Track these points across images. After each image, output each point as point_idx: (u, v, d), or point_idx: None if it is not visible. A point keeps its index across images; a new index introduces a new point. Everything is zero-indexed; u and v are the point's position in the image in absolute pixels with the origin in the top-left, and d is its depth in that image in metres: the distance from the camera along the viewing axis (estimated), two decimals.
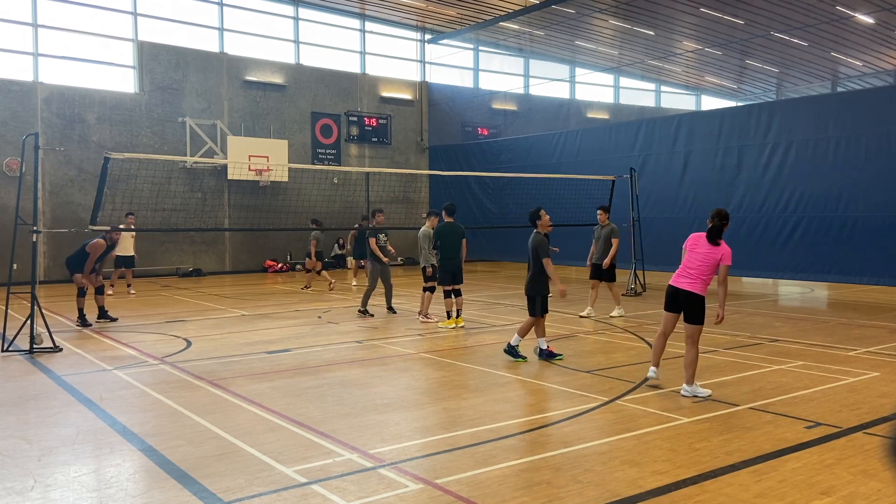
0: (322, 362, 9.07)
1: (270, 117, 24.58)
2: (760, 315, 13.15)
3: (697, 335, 7.21)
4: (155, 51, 22.62)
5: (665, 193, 18.12)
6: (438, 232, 11.96)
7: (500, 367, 8.68)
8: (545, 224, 9.16)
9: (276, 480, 4.95)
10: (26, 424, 6.41)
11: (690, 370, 7.15)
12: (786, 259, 16.17)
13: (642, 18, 27.51)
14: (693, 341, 7.19)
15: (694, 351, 7.17)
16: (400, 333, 11.33)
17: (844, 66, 34.29)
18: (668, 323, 7.47)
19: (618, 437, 5.84)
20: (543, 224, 9.13)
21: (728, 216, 7.36)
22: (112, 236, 12.55)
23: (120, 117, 21.97)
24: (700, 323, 7.18)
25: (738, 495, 4.64)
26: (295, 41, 25.54)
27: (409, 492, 4.74)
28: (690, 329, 7.21)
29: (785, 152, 16.22)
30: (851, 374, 8.07)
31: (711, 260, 7.14)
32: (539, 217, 9.12)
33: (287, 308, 14.61)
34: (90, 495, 4.77)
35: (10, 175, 19.99)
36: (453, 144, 28.01)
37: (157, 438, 5.90)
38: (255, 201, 23.73)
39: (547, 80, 32.30)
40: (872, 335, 10.80)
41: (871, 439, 5.76)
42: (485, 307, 14.32)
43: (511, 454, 5.45)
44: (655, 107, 36.98)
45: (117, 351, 9.95)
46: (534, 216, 9.17)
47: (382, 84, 27.47)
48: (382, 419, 6.44)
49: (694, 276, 7.19)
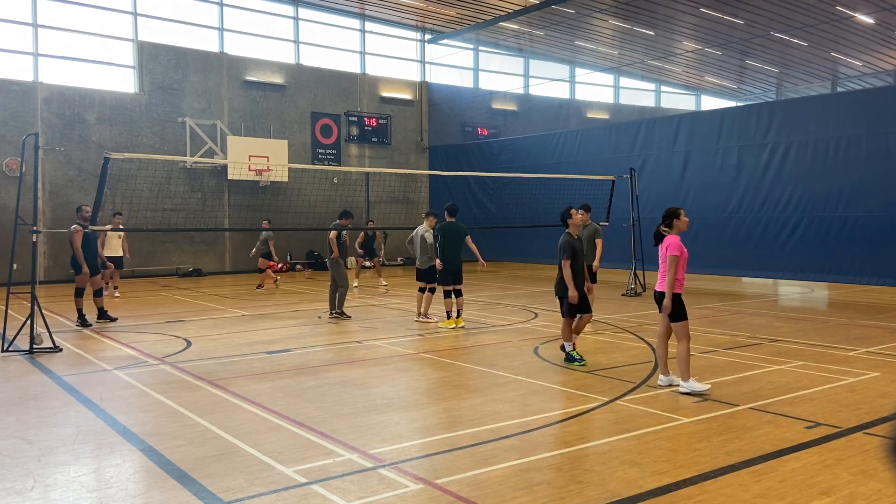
0: (322, 362, 9.07)
1: (270, 117, 24.59)
2: (760, 315, 13.14)
3: (680, 331, 7.32)
4: (155, 51, 22.62)
5: (665, 193, 18.11)
6: (439, 230, 11.96)
7: (500, 367, 8.68)
8: (576, 223, 8.93)
9: (276, 480, 4.94)
10: (26, 424, 6.41)
11: (683, 366, 7.24)
12: (786, 259, 16.18)
13: (642, 18, 27.51)
14: (678, 337, 7.32)
15: (682, 346, 7.26)
16: (400, 333, 11.33)
17: (844, 66, 34.29)
18: (661, 324, 7.68)
19: (618, 437, 5.84)
20: (575, 223, 8.90)
21: (667, 213, 7.56)
22: (83, 214, 12.25)
23: (120, 117, 21.97)
24: (675, 320, 7.32)
25: (738, 495, 4.64)
26: (295, 41, 25.54)
27: (409, 492, 4.74)
28: (672, 326, 7.38)
29: (785, 152, 16.22)
30: (851, 374, 8.07)
31: (662, 257, 7.45)
32: (570, 216, 8.92)
33: (287, 308, 14.61)
34: (90, 495, 4.77)
35: (10, 175, 19.99)
36: (453, 144, 28.01)
37: (157, 438, 5.90)
38: (255, 201, 23.73)
39: (547, 80, 32.30)
40: (872, 335, 10.80)
41: (871, 439, 5.76)
42: (485, 307, 14.33)
43: (511, 454, 5.45)
44: (655, 107, 36.98)
45: (117, 351, 9.95)
46: (564, 215, 8.96)
47: (382, 84, 27.47)
48: (382, 419, 6.44)
49: (660, 275, 7.49)
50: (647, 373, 8.16)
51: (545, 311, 13.61)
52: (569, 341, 8.86)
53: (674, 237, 7.38)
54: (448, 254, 11.86)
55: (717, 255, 16.98)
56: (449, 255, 11.86)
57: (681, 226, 7.46)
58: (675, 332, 7.36)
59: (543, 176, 19.43)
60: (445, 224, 11.99)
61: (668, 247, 7.32)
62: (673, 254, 7.26)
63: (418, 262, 12.58)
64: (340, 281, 12.75)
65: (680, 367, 7.27)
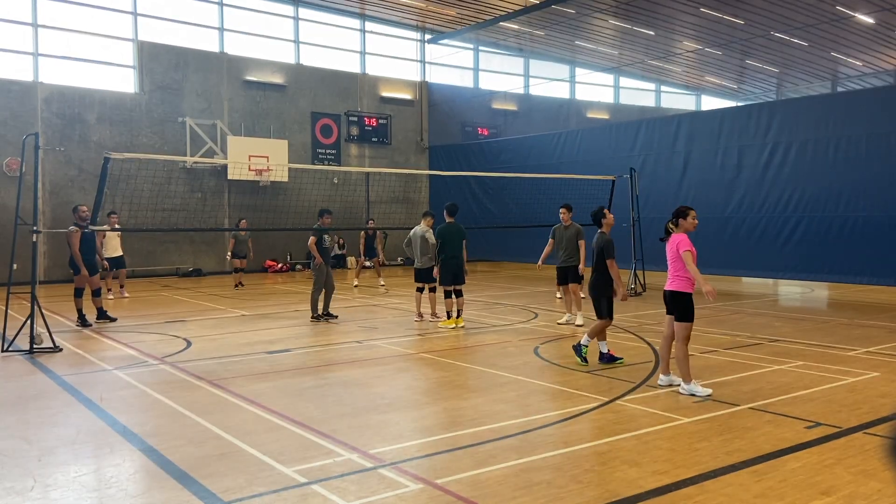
0: (322, 362, 9.07)
1: (270, 117, 24.59)
2: (760, 315, 13.14)
3: (682, 332, 7.26)
4: (155, 51, 22.62)
5: (665, 193, 18.11)
6: (440, 232, 11.97)
7: (500, 367, 8.68)
8: (610, 223, 8.95)
9: (276, 480, 4.94)
10: (26, 424, 6.41)
11: (682, 368, 7.22)
12: (786, 259, 16.17)
13: (642, 18, 27.51)
14: (679, 338, 7.27)
15: (681, 348, 7.23)
16: (400, 333, 11.33)
17: (844, 66, 34.29)
18: (667, 325, 7.60)
19: (618, 437, 5.83)
20: (608, 223, 8.93)
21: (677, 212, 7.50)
22: (80, 214, 12.26)
23: (120, 117, 21.97)
24: (680, 320, 7.28)
25: (738, 495, 4.64)
26: (295, 41, 25.54)
27: (409, 492, 4.74)
28: (675, 325, 7.34)
29: (785, 152, 16.22)
30: (851, 374, 8.07)
31: (671, 254, 7.37)
32: (604, 216, 8.93)
33: (287, 308, 14.61)
34: (90, 495, 4.77)
35: (10, 175, 19.99)
36: (453, 144, 28.00)
37: (157, 438, 5.90)
38: (255, 201, 23.72)
39: (547, 80, 32.30)
40: (872, 335, 10.80)
41: (871, 439, 5.76)
42: (485, 307, 14.32)
43: (511, 454, 5.45)
44: (655, 107, 36.97)
45: (117, 351, 9.95)
46: (598, 215, 8.96)
47: (382, 84, 27.47)
48: (382, 419, 6.44)
49: (670, 275, 7.45)
50: (648, 373, 8.17)
51: (545, 312, 13.61)
52: (603, 341, 8.85)
53: (681, 235, 7.34)
54: (448, 254, 11.86)
55: (717, 255, 16.96)
56: (449, 255, 11.86)
57: (686, 225, 7.40)
58: (677, 332, 7.29)
59: (543, 176, 19.43)
60: (445, 225, 11.99)
61: (678, 244, 7.26)
62: (687, 249, 7.20)
63: (417, 262, 12.57)
64: (317, 285, 12.65)
65: (680, 369, 7.25)
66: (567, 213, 12.30)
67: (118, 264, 16.86)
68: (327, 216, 12.79)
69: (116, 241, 16.73)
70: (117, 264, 16.82)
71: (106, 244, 16.23)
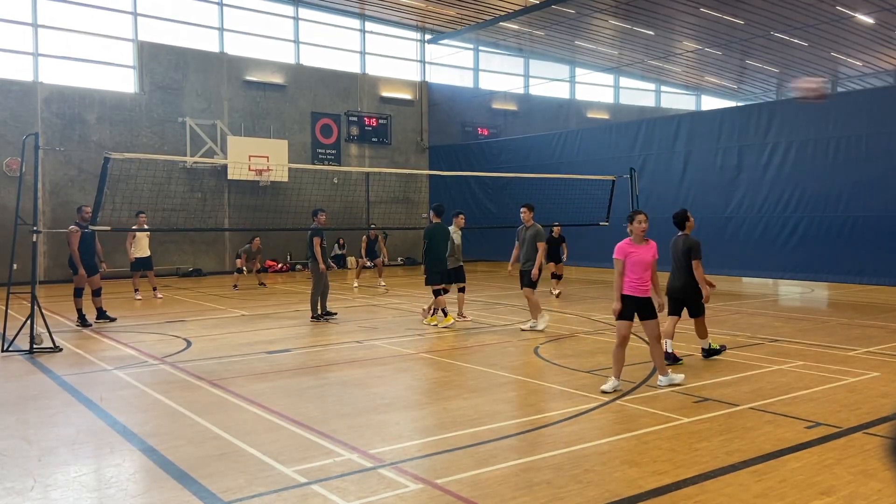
0: (322, 362, 9.07)
1: (270, 117, 24.58)
2: (760, 315, 13.14)
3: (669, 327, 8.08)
4: (155, 51, 22.62)
5: (665, 193, 18.12)
6: (427, 233, 12.06)
7: (500, 367, 8.68)
8: (692, 226, 8.95)
9: (276, 480, 4.94)
10: (26, 424, 6.41)
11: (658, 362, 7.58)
12: (786, 259, 16.17)
13: (642, 18, 27.50)
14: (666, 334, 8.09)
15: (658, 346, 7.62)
16: (400, 333, 11.33)
17: (844, 66, 34.28)
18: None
19: (618, 437, 5.84)
20: (691, 226, 8.93)
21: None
22: (83, 215, 12.28)
23: (120, 117, 21.97)
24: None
25: (738, 495, 4.64)
26: (295, 41, 25.53)
27: (409, 492, 4.74)
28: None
29: (785, 152, 16.22)
30: (851, 374, 8.07)
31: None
32: (687, 219, 8.92)
33: (287, 308, 14.61)
34: (90, 495, 4.77)
35: (10, 175, 19.99)
36: (453, 144, 28.00)
37: (157, 438, 5.90)
38: (255, 201, 23.72)
39: (547, 80, 32.29)
40: (872, 335, 10.80)
41: (871, 439, 5.76)
42: (485, 307, 14.32)
43: (511, 454, 5.45)
44: (655, 107, 36.97)
45: (117, 351, 9.95)
46: (682, 218, 8.91)
47: (382, 84, 27.47)
48: (382, 419, 6.44)
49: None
50: (647, 373, 8.16)
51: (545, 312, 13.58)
52: (705, 338, 8.92)
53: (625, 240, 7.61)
54: (435, 256, 11.94)
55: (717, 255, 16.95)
56: (436, 257, 11.95)
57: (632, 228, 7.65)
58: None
59: (543, 176, 19.41)
60: (433, 226, 12.05)
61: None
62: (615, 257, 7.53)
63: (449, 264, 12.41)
64: (317, 286, 12.68)
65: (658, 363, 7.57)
66: (528, 212, 11.29)
67: (146, 265, 16.63)
68: (322, 214, 12.85)
69: (146, 241, 16.65)
70: (145, 265, 16.60)
71: (136, 244, 16.30)
